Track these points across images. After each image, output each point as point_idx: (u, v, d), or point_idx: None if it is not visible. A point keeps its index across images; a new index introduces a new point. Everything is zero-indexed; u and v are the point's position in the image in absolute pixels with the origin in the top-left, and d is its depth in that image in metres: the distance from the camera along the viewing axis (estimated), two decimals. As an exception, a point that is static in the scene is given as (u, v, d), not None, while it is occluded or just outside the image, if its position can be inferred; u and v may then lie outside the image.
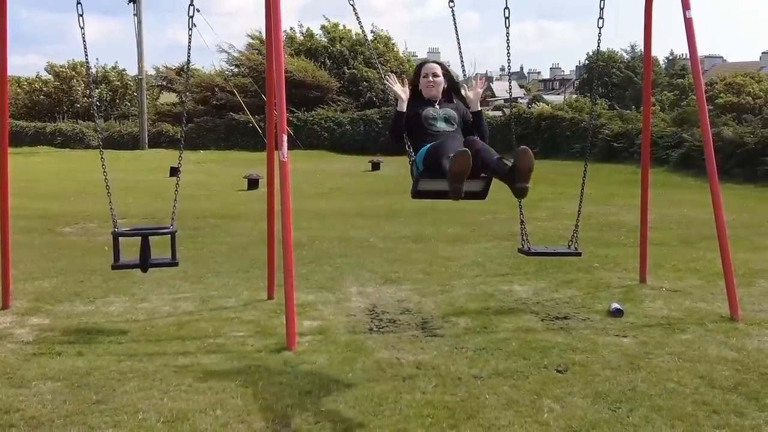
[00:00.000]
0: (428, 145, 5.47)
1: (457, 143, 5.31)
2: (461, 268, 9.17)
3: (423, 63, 6.16)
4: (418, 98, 5.96)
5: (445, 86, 6.01)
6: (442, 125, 5.74)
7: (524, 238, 7.32)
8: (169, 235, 6.90)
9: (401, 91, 5.80)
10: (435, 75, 5.96)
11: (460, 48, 6.82)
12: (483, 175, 5.51)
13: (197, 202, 15.83)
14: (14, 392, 5.05)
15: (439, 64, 6.11)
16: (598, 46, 7.65)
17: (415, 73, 6.09)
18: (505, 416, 4.68)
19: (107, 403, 4.86)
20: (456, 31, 6.74)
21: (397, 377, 5.37)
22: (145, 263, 6.81)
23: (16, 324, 6.76)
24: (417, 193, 5.68)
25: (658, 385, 5.23)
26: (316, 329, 6.62)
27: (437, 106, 5.86)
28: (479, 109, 6.04)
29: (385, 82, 5.92)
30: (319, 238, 11.32)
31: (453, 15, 6.67)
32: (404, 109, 5.76)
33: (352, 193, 18.74)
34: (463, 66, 6.73)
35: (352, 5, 6.57)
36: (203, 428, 4.50)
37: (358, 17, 6.58)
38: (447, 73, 6.06)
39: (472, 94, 6.03)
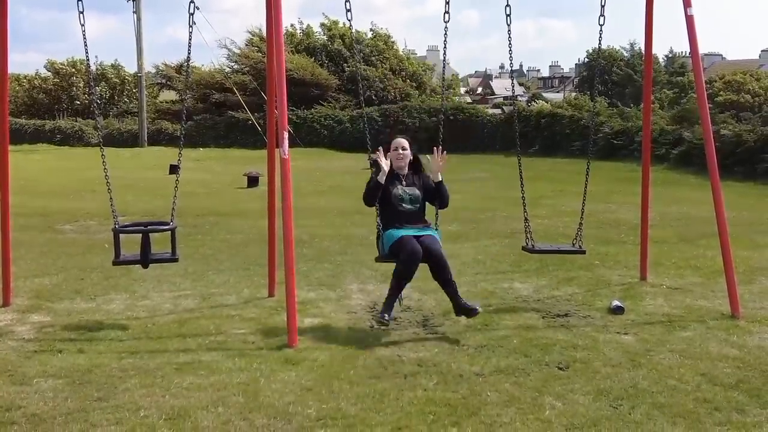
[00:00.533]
0: (396, 237, 6.50)
1: (416, 256, 6.37)
2: (462, 266, 9.16)
3: (394, 138, 7.04)
4: (389, 169, 6.83)
5: (411, 159, 6.92)
6: (407, 206, 6.75)
7: (528, 235, 7.32)
8: (169, 232, 6.90)
9: (385, 164, 6.72)
10: (404, 148, 6.89)
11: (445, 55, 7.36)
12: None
13: (197, 199, 15.83)
14: (15, 389, 5.05)
15: (407, 139, 7.02)
16: (600, 43, 7.65)
17: (387, 146, 6.93)
18: (506, 413, 4.69)
19: (108, 401, 4.86)
20: (445, 41, 7.13)
21: (398, 374, 5.37)
22: (145, 259, 6.81)
23: (16, 321, 6.76)
24: (382, 261, 6.90)
25: (660, 382, 5.23)
26: (317, 326, 6.62)
27: (404, 184, 6.81)
28: (441, 179, 6.90)
29: (372, 156, 6.84)
30: (320, 236, 11.32)
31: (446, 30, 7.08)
32: (383, 182, 6.69)
33: (352, 191, 18.63)
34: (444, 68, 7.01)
35: (348, 9, 6.90)
36: (205, 425, 4.50)
37: (349, 16, 6.94)
38: (412, 148, 6.98)
39: (434, 166, 6.92)
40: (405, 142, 6.95)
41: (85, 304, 7.42)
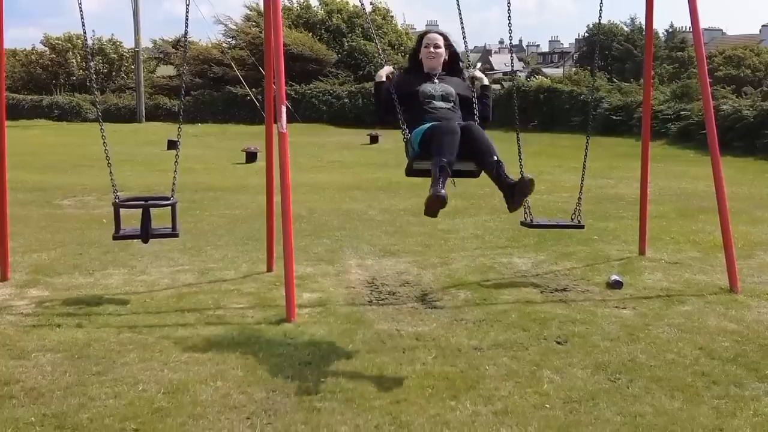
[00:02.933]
0: (425, 128, 5.32)
1: (454, 131, 5.13)
2: (460, 241, 9.16)
3: (425, 32, 6.04)
4: (417, 69, 5.89)
5: (446, 58, 5.91)
6: (439, 103, 5.60)
7: (527, 210, 7.31)
8: (170, 207, 6.88)
9: (386, 68, 5.84)
10: (437, 46, 5.87)
11: (462, 23, 6.50)
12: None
13: (195, 175, 15.79)
14: (14, 364, 5.06)
15: (442, 34, 5.98)
16: (600, 18, 7.60)
17: (417, 43, 6.00)
18: (504, 387, 4.70)
19: (107, 375, 4.87)
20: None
21: (397, 349, 5.37)
22: (146, 234, 6.79)
23: (15, 296, 6.76)
24: (411, 172, 5.54)
25: (658, 356, 5.24)
26: (316, 301, 6.62)
27: (436, 81, 5.74)
28: (487, 83, 5.98)
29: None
30: (318, 211, 11.30)
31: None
32: (383, 78, 5.74)
33: (351, 167, 18.69)
34: (465, 41, 6.53)
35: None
36: (203, 399, 4.51)
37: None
38: (449, 45, 5.94)
39: (477, 72, 6.01)
40: (439, 38, 5.88)
41: (84, 278, 7.41)
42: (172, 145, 20.69)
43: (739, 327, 5.86)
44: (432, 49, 5.85)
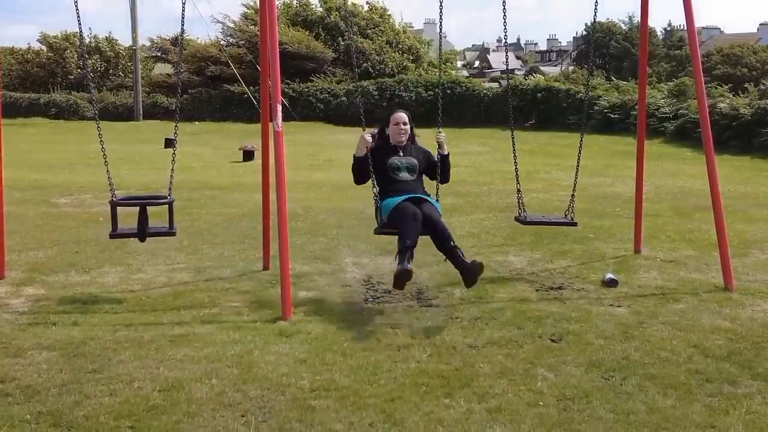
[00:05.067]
0: (394, 204, 6.34)
1: (416, 218, 6.17)
2: (457, 239, 9.06)
3: (393, 112, 6.92)
4: (386, 143, 6.79)
5: (410, 133, 6.84)
6: (405, 174, 6.62)
7: (521, 207, 7.34)
8: (167, 206, 6.89)
9: (367, 139, 6.62)
10: (404, 123, 6.78)
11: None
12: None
13: (192, 173, 15.79)
14: (10, 362, 5.07)
15: (407, 114, 6.90)
16: (594, 16, 7.63)
17: (386, 120, 6.88)
18: (499, 385, 4.72)
19: (103, 372, 4.88)
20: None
21: (392, 346, 5.39)
22: (143, 232, 6.81)
23: (11, 294, 6.77)
24: (380, 233, 6.67)
25: (652, 354, 5.26)
26: (312, 299, 6.64)
27: (401, 154, 6.70)
28: (447, 153, 6.85)
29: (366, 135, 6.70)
30: (315, 210, 11.31)
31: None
32: (362, 155, 6.62)
33: (347, 165, 18.53)
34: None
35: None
36: (199, 397, 4.52)
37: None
38: (411, 121, 6.88)
39: (443, 144, 6.81)
40: (406, 117, 6.84)
41: (80, 277, 7.42)
42: (169, 143, 20.68)
43: (733, 325, 5.89)
44: (401, 126, 6.77)
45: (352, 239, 9.15)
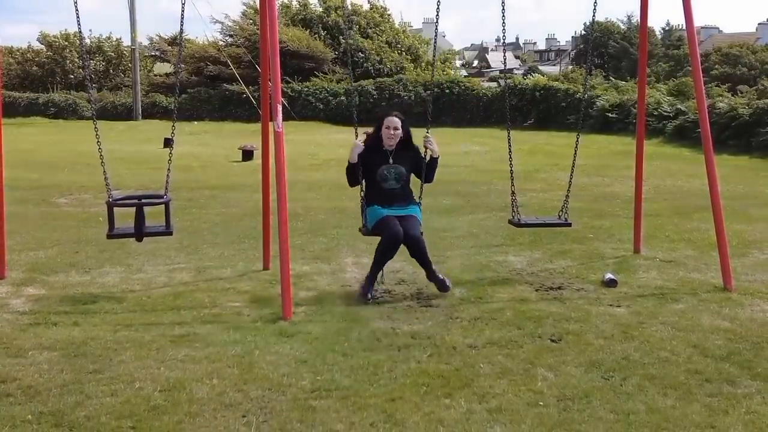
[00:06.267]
0: (380, 216, 6.77)
1: (397, 241, 6.63)
2: (456, 239, 9.19)
3: (386, 116, 7.08)
4: (379, 144, 6.97)
5: (402, 137, 6.98)
6: (392, 183, 6.92)
7: (515, 209, 7.35)
8: (164, 206, 6.89)
9: (359, 143, 6.87)
10: (396, 128, 6.95)
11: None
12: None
13: (192, 173, 15.80)
14: (11, 362, 5.08)
15: (400, 118, 7.05)
16: (593, 16, 7.64)
17: (379, 123, 7.05)
18: (499, 384, 4.73)
19: (104, 373, 4.89)
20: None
21: (392, 347, 5.40)
22: (139, 232, 6.81)
23: (11, 294, 6.77)
24: (367, 235, 7.06)
25: (651, 354, 5.27)
26: (312, 299, 6.65)
27: (391, 161, 6.93)
28: (438, 156, 7.09)
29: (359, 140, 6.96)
30: (315, 209, 11.32)
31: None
32: (355, 161, 6.87)
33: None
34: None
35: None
36: (200, 397, 4.53)
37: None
38: (404, 125, 7.02)
39: (434, 146, 7.01)
40: (398, 122, 6.99)
41: (80, 277, 7.43)
42: (168, 143, 20.64)
43: (732, 325, 5.90)
44: (392, 131, 6.94)
45: (352, 239, 9.14)
